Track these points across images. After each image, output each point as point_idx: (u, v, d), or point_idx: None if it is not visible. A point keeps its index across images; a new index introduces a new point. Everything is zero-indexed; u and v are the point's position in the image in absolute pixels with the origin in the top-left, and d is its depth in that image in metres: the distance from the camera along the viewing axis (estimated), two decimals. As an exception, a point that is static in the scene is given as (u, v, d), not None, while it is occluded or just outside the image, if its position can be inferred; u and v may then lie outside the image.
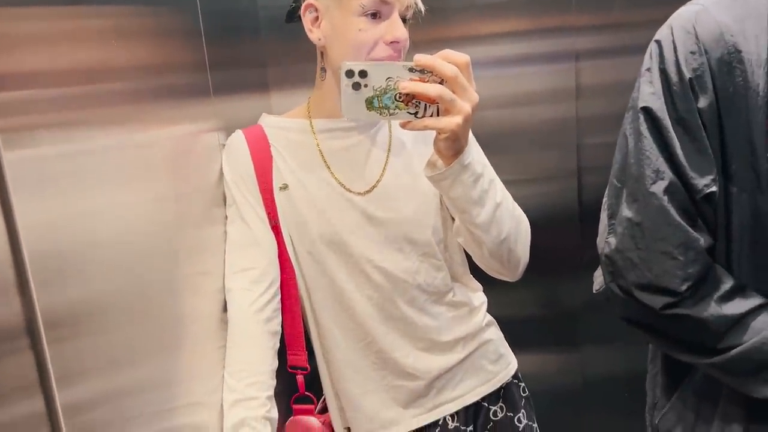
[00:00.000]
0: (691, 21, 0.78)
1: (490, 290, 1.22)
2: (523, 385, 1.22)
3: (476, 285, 1.20)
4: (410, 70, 0.86)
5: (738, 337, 0.79)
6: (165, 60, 0.94)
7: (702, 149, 0.78)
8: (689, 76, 0.77)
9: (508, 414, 1.18)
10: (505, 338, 1.23)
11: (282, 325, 1.09)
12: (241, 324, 1.03)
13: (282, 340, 1.09)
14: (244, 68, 1.43)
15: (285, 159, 1.08)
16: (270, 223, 1.07)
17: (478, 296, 1.19)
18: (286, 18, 1.08)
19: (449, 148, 0.90)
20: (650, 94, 0.80)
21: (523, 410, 1.19)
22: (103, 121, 0.72)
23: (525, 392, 1.22)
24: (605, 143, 1.62)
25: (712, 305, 0.79)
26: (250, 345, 1.02)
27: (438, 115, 0.87)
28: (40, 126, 0.60)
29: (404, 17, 1.01)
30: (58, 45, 0.64)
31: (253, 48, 1.49)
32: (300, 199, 1.07)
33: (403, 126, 0.89)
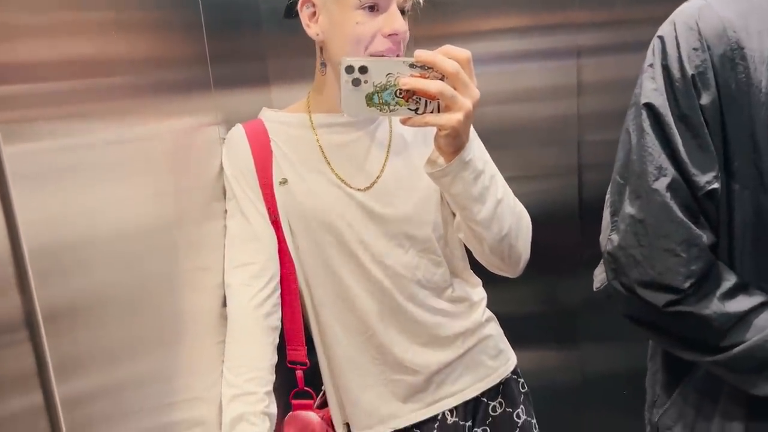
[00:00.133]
0: (694, 17, 0.78)
1: (490, 286, 1.21)
2: (522, 380, 1.22)
3: (476, 280, 1.20)
4: (411, 66, 0.85)
5: (741, 335, 0.78)
6: (166, 53, 0.94)
7: (704, 146, 0.78)
8: (692, 72, 0.77)
9: (507, 409, 1.18)
10: (505, 335, 1.23)
11: (282, 320, 1.09)
12: (241, 319, 1.03)
13: (281, 336, 1.09)
14: (245, 62, 1.42)
15: (285, 154, 1.08)
16: (270, 218, 1.07)
17: (478, 291, 1.19)
18: (284, 13, 1.08)
19: (450, 144, 0.90)
20: (653, 90, 0.80)
21: (522, 406, 1.19)
22: (103, 114, 0.72)
23: (524, 388, 1.22)
24: (606, 140, 1.62)
25: (715, 302, 0.79)
26: (249, 340, 1.02)
27: (439, 111, 0.87)
28: (40, 119, 0.59)
29: (403, 9, 1.00)
30: (59, 37, 0.63)
31: (254, 41, 1.49)
32: (300, 194, 1.06)
33: (404, 122, 0.88)
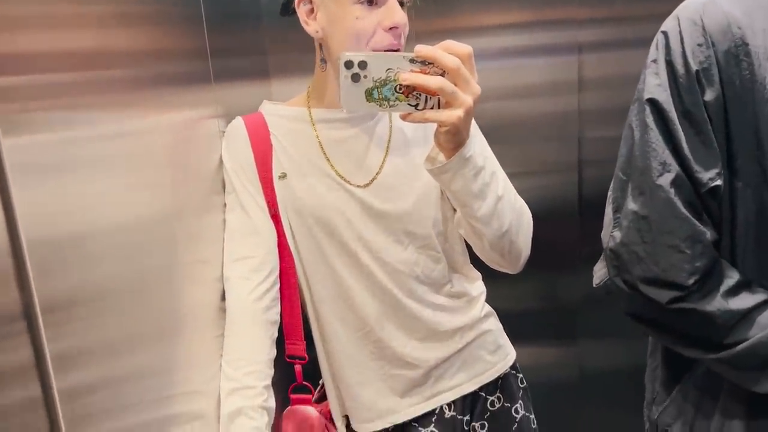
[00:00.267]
0: (698, 12, 0.77)
1: (489, 282, 1.21)
2: (521, 376, 1.22)
3: (476, 274, 1.19)
4: (411, 61, 0.84)
5: (744, 332, 0.78)
6: (166, 46, 0.93)
7: (707, 143, 0.77)
8: (696, 68, 0.76)
9: (506, 404, 1.18)
10: (504, 330, 1.23)
11: (281, 315, 1.08)
12: (240, 313, 1.03)
13: (280, 330, 1.09)
14: (246, 55, 1.42)
15: (284, 148, 1.07)
16: (269, 212, 1.06)
17: (477, 286, 1.19)
18: (280, 11, 1.06)
19: (450, 141, 0.89)
20: (656, 86, 0.79)
21: (520, 401, 1.19)
22: (103, 107, 0.71)
23: (523, 383, 1.22)
24: (607, 137, 1.63)
25: (719, 299, 0.78)
26: (248, 334, 1.02)
27: (439, 107, 0.86)
28: (40, 111, 0.59)
29: (402, 1, 0.99)
30: (59, 29, 0.63)
31: (255, 35, 1.48)
32: (298, 189, 1.06)
33: (404, 118, 0.88)
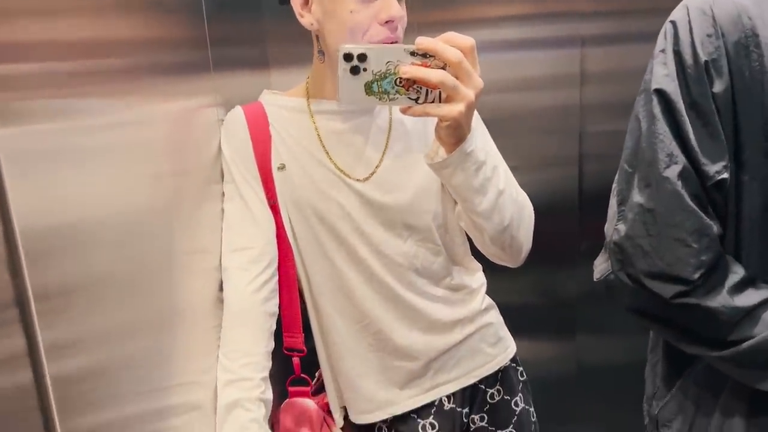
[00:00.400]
0: (708, 2, 0.76)
1: (488, 276, 1.20)
2: (521, 369, 1.21)
3: (476, 265, 1.18)
4: (412, 53, 0.82)
5: (749, 330, 0.77)
6: (165, 35, 0.92)
7: (715, 135, 0.76)
8: (705, 59, 0.75)
9: (506, 397, 1.17)
10: (502, 323, 1.23)
11: (279, 307, 1.08)
12: (237, 304, 1.02)
13: (278, 322, 1.08)
14: (245, 44, 1.41)
15: (283, 139, 1.06)
16: (268, 203, 1.05)
17: (478, 278, 1.18)
18: (279, 0, 1.05)
19: (451, 135, 0.87)
20: (664, 76, 0.78)
21: (520, 394, 1.19)
22: (101, 95, 0.70)
23: (523, 376, 1.21)
24: (608, 131, 1.62)
25: (723, 295, 0.77)
26: (245, 325, 1.01)
27: (440, 101, 0.84)
28: (36, 100, 0.58)
29: None
30: (56, 18, 0.62)
31: (254, 24, 1.47)
32: (297, 181, 1.05)
33: (403, 112, 0.86)
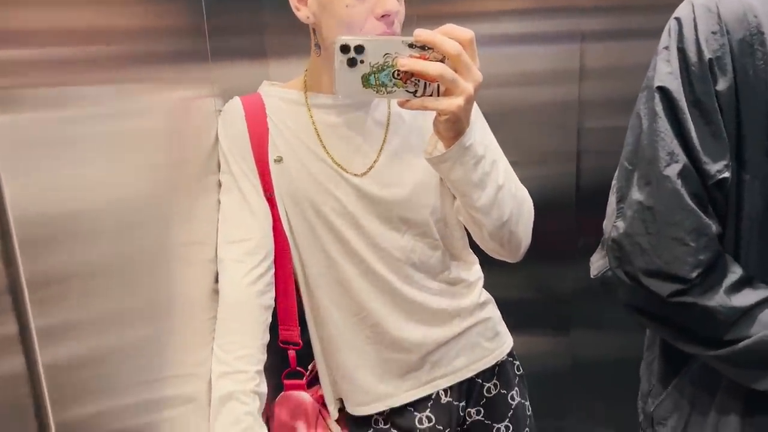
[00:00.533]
0: (713, 0, 0.75)
1: (484, 270, 1.20)
2: (517, 363, 1.22)
3: (473, 258, 1.18)
4: (410, 45, 0.80)
5: (745, 330, 0.77)
6: (163, 23, 0.91)
7: (717, 133, 0.76)
8: (709, 56, 0.74)
9: (502, 391, 1.18)
10: (496, 319, 1.23)
11: (275, 299, 1.07)
12: (233, 296, 1.01)
13: (273, 314, 1.08)
14: (243, 34, 1.40)
15: (281, 131, 1.05)
16: (265, 195, 1.05)
17: (475, 271, 1.18)
18: None
19: (450, 129, 0.86)
20: (667, 74, 0.77)
21: (516, 388, 1.19)
22: (98, 83, 0.69)
23: (519, 370, 1.22)
24: (607, 127, 1.61)
25: (721, 295, 0.77)
26: (241, 317, 1.01)
27: (438, 94, 0.83)
28: (32, 87, 0.57)
29: None
30: (53, 4, 0.61)
31: (253, 14, 1.46)
32: (295, 173, 1.04)
33: (401, 105, 0.84)
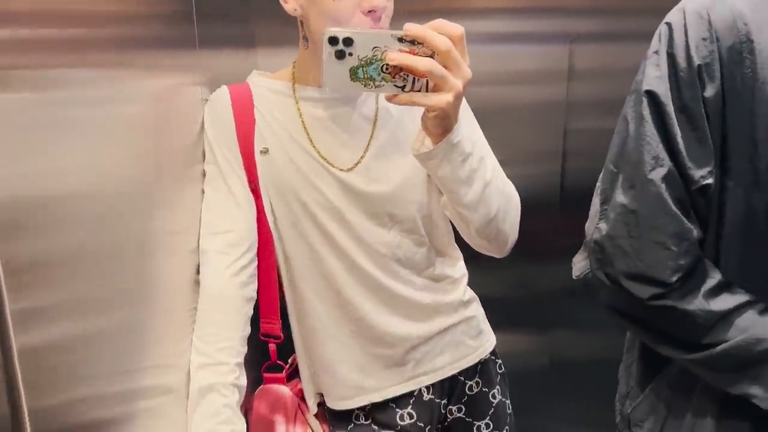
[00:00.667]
0: (705, 6, 0.76)
1: (467, 269, 1.20)
2: (500, 362, 1.22)
3: (458, 254, 1.18)
4: (399, 40, 0.79)
5: (723, 334, 0.78)
6: (151, 8, 0.90)
7: (703, 139, 0.76)
8: (698, 62, 0.75)
9: (484, 389, 1.18)
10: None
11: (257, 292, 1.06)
12: (215, 287, 1.00)
13: (255, 307, 1.07)
14: (232, 22, 1.39)
15: (268, 122, 1.04)
16: (249, 186, 1.04)
17: (459, 267, 1.18)
18: None
19: (438, 125, 0.86)
20: (656, 78, 0.78)
21: (498, 386, 1.20)
22: (83, 67, 0.68)
23: (501, 369, 1.22)
24: (593, 129, 1.62)
25: (699, 299, 0.78)
26: (222, 309, 1.00)
27: (427, 90, 0.81)
28: (13, 69, 0.56)
29: None
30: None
31: (243, 3, 1.44)
32: (280, 166, 1.03)
33: (389, 100, 0.83)
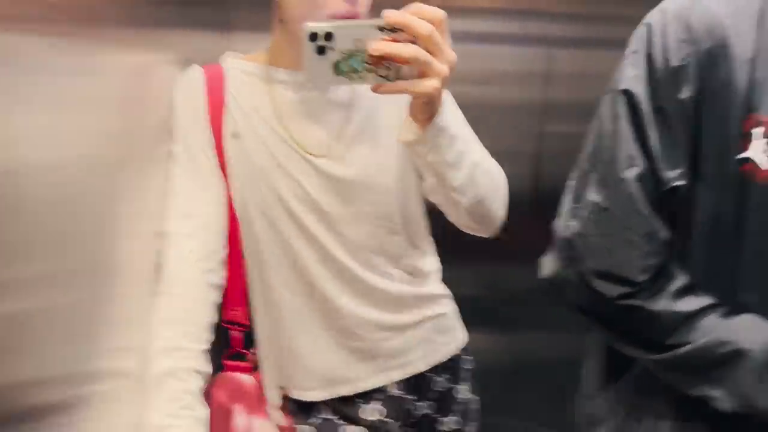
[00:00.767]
0: (685, 8, 0.77)
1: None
2: (470, 359, 1.22)
3: (432, 249, 1.18)
4: (380, 29, 0.77)
5: (686, 335, 0.78)
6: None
7: (676, 141, 0.77)
8: (675, 64, 0.75)
9: (452, 386, 1.17)
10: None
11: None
12: (179, 271, 0.98)
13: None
14: (207, 2, 1.36)
15: (240, 105, 1.02)
16: (220, 170, 1.02)
17: (433, 261, 1.17)
18: None
19: (425, 111, 0.85)
20: (632, 78, 0.78)
21: (467, 383, 1.19)
22: (50, 39, 0.66)
23: (470, 366, 1.22)
24: (569, 132, 1.62)
25: (665, 300, 0.78)
26: (186, 294, 0.98)
27: (412, 77, 0.80)
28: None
29: None
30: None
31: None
32: (252, 151, 1.01)
33: (375, 90, 0.81)
